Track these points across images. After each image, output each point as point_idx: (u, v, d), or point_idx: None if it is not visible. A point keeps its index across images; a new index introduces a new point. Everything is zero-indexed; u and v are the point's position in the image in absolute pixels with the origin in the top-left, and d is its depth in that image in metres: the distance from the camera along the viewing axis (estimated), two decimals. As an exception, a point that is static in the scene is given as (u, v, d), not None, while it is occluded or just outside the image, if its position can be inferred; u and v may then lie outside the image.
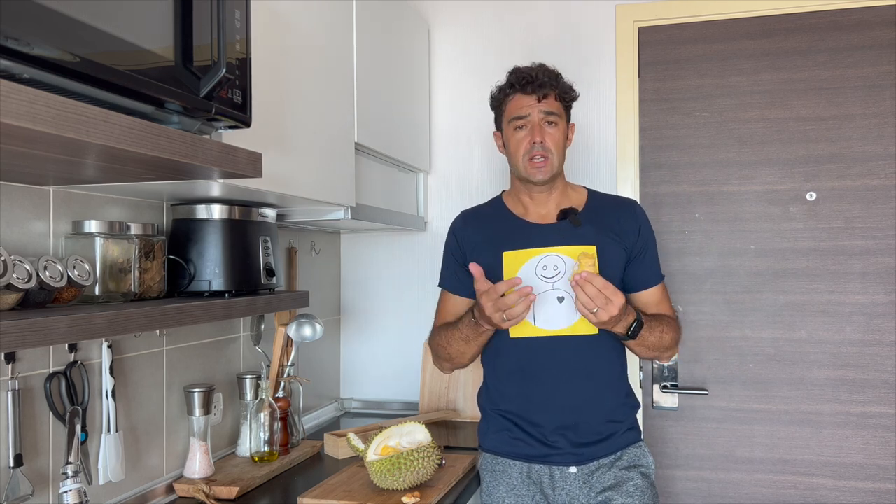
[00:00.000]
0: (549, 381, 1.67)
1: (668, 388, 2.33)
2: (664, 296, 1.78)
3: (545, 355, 1.66)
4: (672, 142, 2.37)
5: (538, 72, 1.67)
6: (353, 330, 2.66)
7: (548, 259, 1.64)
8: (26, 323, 0.92)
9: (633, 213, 1.75)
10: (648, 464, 1.72)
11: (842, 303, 2.23)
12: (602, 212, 1.73)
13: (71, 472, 1.33)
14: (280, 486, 1.74)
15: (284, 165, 1.51)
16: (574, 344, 1.65)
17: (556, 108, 1.67)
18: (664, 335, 1.67)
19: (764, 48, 2.30)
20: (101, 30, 0.90)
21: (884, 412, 2.20)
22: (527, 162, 1.66)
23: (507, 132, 1.70)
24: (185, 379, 1.75)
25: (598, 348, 1.67)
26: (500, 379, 1.73)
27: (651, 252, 1.75)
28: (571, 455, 1.66)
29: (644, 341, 1.63)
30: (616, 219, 1.71)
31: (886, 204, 2.20)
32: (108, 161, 1.05)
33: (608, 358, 1.70)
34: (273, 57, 1.46)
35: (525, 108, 1.66)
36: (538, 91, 1.65)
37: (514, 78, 1.69)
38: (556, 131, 1.66)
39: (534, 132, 1.64)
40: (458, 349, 1.69)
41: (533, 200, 1.74)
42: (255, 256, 1.59)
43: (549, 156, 1.65)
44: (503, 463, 1.71)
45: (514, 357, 1.69)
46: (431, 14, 2.58)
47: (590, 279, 1.48)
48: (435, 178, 2.59)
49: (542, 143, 1.64)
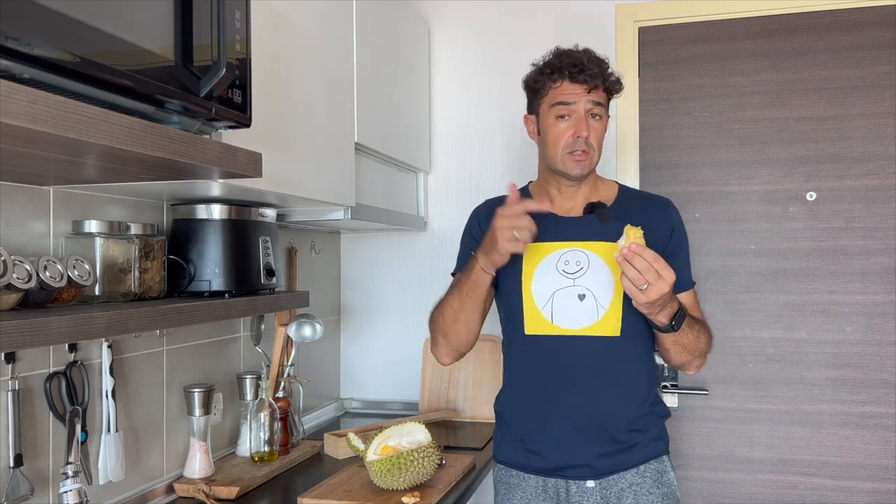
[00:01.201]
0: (566, 386, 1.54)
1: (668, 388, 2.33)
2: (695, 303, 1.63)
3: (561, 356, 1.54)
4: (672, 142, 2.37)
5: (588, 58, 1.51)
6: (353, 330, 2.66)
7: (570, 254, 1.54)
8: (26, 323, 0.92)
9: (667, 213, 1.61)
10: (670, 481, 1.59)
11: (842, 303, 2.23)
12: (632, 209, 1.60)
13: (71, 472, 1.33)
14: (280, 486, 1.74)
15: (284, 165, 1.51)
16: (594, 346, 1.53)
17: (603, 99, 1.54)
18: (700, 337, 1.53)
19: (764, 48, 2.30)
20: (101, 30, 0.90)
21: (884, 412, 2.20)
22: (566, 156, 1.53)
23: (547, 119, 1.55)
24: (185, 379, 1.75)
25: (620, 351, 1.54)
26: (515, 381, 1.62)
27: (683, 256, 1.61)
28: (588, 468, 1.54)
29: (682, 338, 1.48)
30: (647, 217, 1.55)
31: (886, 204, 2.20)
32: (108, 161, 1.05)
33: (631, 362, 1.56)
34: (273, 57, 1.46)
35: (572, 96, 1.51)
36: (590, 81, 1.50)
37: (564, 61, 1.52)
38: (599, 126, 1.54)
39: (579, 126, 1.51)
40: (452, 308, 1.56)
41: (560, 193, 1.62)
42: (255, 256, 1.59)
43: (591, 151, 1.53)
44: (517, 476, 1.60)
45: (529, 357, 1.58)
46: (431, 14, 2.58)
47: (639, 251, 1.32)
48: (435, 178, 2.59)
49: (587, 138, 1.51)
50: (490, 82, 2.53)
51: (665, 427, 1.64)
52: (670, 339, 1.48)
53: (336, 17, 1.80)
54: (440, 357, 1.66)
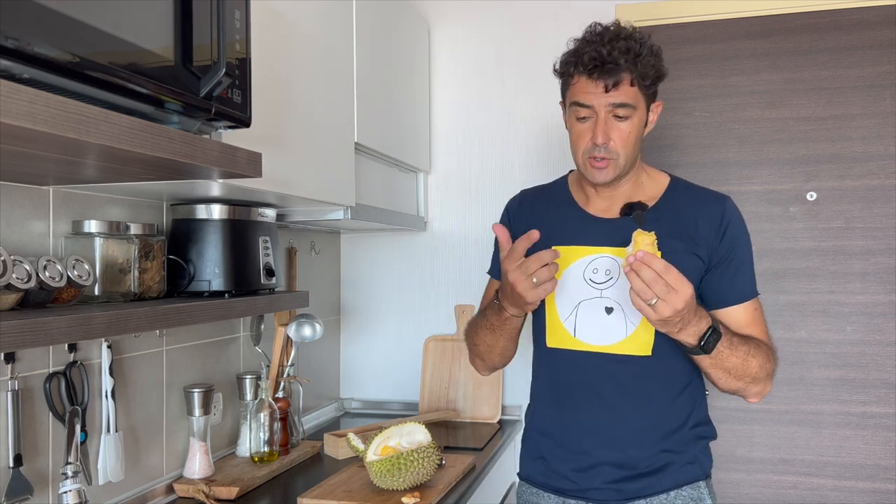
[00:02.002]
0: (588, 405, 1.41)
1: (668, 388, 2.33)
2: (756, 317, 1.40)
3: (584, 374, 1.40)
4: (672, 142, 2.37)
5: (611, 49, 1.30)
6: (353, 330, 2.66)
7: (600, 261, 1.38)
8: (26, 323, 0.92)
9: (720, 212, 1.40)
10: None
11: (842, 303, 2.23)
12: (678, 208, 1.41)
13: (71, 473, 1.33)
14: (280, 487, 1.74)
15: (284, 165, 1.51)
16: (622, 365, 1.37)
17: (630, 97, 1.33)
18: (750, 359, 1.31)
19: (764, 48, 2.30)
20: (101, 30, 0.90)
21: (884, 412, 2.20)
22: (586, 160, 1.36)
23: (569, 116, 1.39)
24: (185, 379, 1.75)
25: (651, 372, 1.38)
26: (538, 395, 1.52)
27: (739, 261, 1.40)
28: (613, 491, 1.40)
29: (723, 361, 1.29)
30: (694, 219, 1.39)
31: (886, 204, 2.20)
32: (108, 161, 1.05)
33: (665, 383, 1.40)
34: (273, 57, 1.46)
35: (589, 97, 1.33)
36: (607, 78, 1.30)
37: (581, 56, 1.33)
38: (627, 126, 1.34)
39: (597, 130, 1.33)
40: (485, 342, 1.48)
41: (597, 191, 1.45)
42: (255, 256, 1.59)
43: (614, 158, 1.34)
44: (536, 494, 1.50)
45: (550, 371, 1.46)
46: (431, 14, 2.58)
47: (647, 260, 1.16)
48: (435, 178, 2.59)
49: (606, 144, 1.33)
50: (490, 82, 2.53)
51: (708, 449, 1.46)
52: (705, 361, 1.30)
53: (336, 17, 1.80)
54: (478, 370, 1.61)
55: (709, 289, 1.40)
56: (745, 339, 1.34)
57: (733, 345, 1.30)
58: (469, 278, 2.53)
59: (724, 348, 1.28)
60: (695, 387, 1.44)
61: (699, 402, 1.45)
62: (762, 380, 1.36)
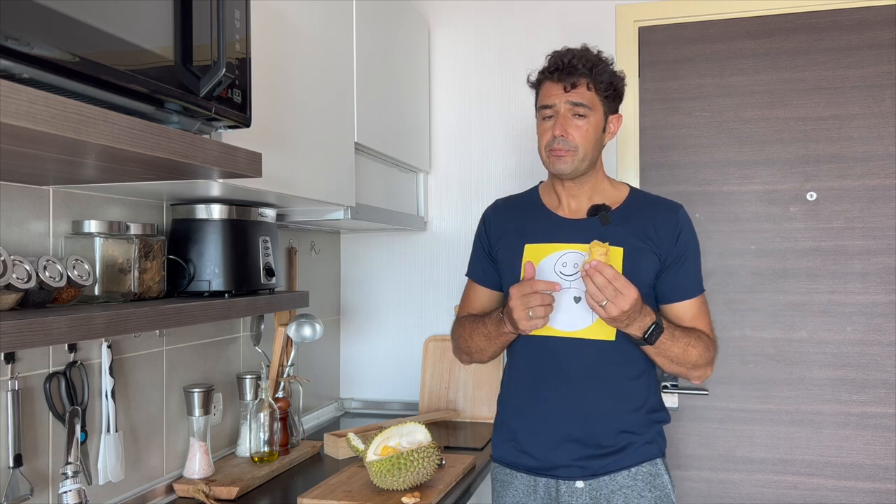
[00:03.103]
0: (558, 387, 1.57)
1: (668, 388, 2.33)
2: (701, 311, 1.61)
3: (556, 358, 1.57)
4: (672, 142, 2.37)
5: (571, 57, 1.53)
6: (353, 330, 2.66)
7: (569, 256, 1.56)
8: (26, 323, 0.92)
9: (674, 218, 1.60)
10: (663, 485, 1.58)
11: (842, 303, 2.23)
12: (639, 212, 1.61)
13: (71, 473, 1.32)
14: (280, 487, 1.74)
15: (284, 165, 1.51)
16: (589, 349, 1.54)
17: (587, 99, 1.53)
18: (690, 349, 1.52)
19: (764, 48, 2.30)
20: (100, 30, 0.90)
21: (884, 412, 2.20)
22: (549, 153, 1.56)
23: (537, 119, 1.61)
24: (185, 379, 1.75)
25: (615, 355, 1.55)
26: (512, 380, 1.66)
27: (690, 262, 1.60)
28: (577, 468, 1.55)
29: (665, 351, 1.50)
30: (653, 222, 1.58)
31: (886, 204, 2.20)
32: (108, 161, 1.05)
33: (627, 366, 1.57)
34: (273, 57, 1.46)
35: (552, 97, 1.55)
36: (566, 79, 1.53)
37: (547, 63, 1.57)
38: (585, 124, 1.53)
39: (556, 124, 1.53)
40: (479, 345, 1.64)
41: (566, 192, 1.63)
42: (255, 256, 1.59)
43: (573, 150, 1.53)
44: (510, 474, 1.65)
45: (525, 357, 1.62)
46: (431, 14, 2.58)
47: (599, 268, 1.37)
48: (435, 178, 2.59)
49: (564, 136, 1.52)
50: (490, 82, 2.53)
51: (663, 432, 1.64)
52: (651, 350, 1.51)
53: (336, 17, 1.80)
54: (461, 361, 1.79)
55: (662, 286, 1.60)
56: (686, 332, 1.54)
57: (675, 337, 1.50)
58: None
59: (667, 340, 1.49)
60: (650, 375, 1.62)
61: (654, 390, 1.64)
62: (702, 366, 1.57)
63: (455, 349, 1.76)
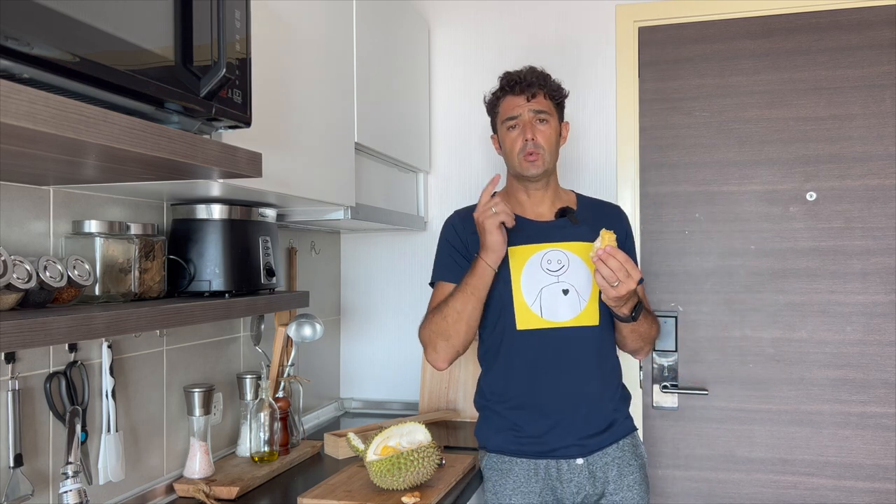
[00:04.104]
0: (556, 374, 1.70)
1: (668, 388, 2.33)
2: (644, 295, 1.86)
3: (551, 347, 1.70)
4: (672, 142, 2.37)
5: (526, 73, 1.74)
6: (353, 330, 2.66)
7: (552, 253, 1.73)
8: (26, 323, 0.92)
9: (620, 218, 1.88)
10: (642, 454, 1.79)
11: (842, 303, 2.23)
12: (594, 212, 1.83)
13: (71, 472, 1.32)
14: (280, 486, 1.74)
15: (284, 165, 1.51)
16: (579, 335, 1.70)
17: (546, 106, 1.73)
18: (652, 326, 1.75)
19: (764, 48, 2.30)
20: (101, 30, 0.90)
21: (884, 412, 2.20)
22: (521, 158, 1.72)
23: (502, 133, 1.77)
24: (185, 379, 1.75)
25: (599, 340, 1.73)
26: (505, 374, 1.74)
27: (633, 254, 1.87)
28: (577, 447, 1.70)
29: (639, 327, 1.69)
30: (604, 220, 1.76)
31: (886, 204, 2.20)
32: (108, 161, 1.05)
33: (607, 349, 1.76)
34: (273, 57, 1.46)
35: (516, 109, 1.73)
36: (527, 91, 1.72)
37: (504, 81, 1.77)
38: (547, 128, 1.73)
39: (525, 130, 1.71)
40: (455, 309, 1.64)
41: (530, 198, 1.80)
42: (255, 256, 1.59)
43: (542, 152, 1.71)
44: (509, 461, 1.73)
45: (520, 350, 1.72)
46: (431, 14, 2.58)
47: (613, 253, 1.52)
48: (435, 178, 2.59)
49: (534, 139, 1.70)
50: (490, 82, 2.50)
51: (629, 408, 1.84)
52: (629, 327, 1.69)
53: (336, 17, 1.80)
54: (438, 362, 1.72)
55: None
56: (648, 311, 1.75)
57: (646, 315, 1.71)
58: (469, 278, 2.53)
59: (642, 317, 1.68)
60: (617, 357, 1.81)
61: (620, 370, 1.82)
62: (653, 341, 1.80)
63: (428, 348, 1.73)
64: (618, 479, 1.71)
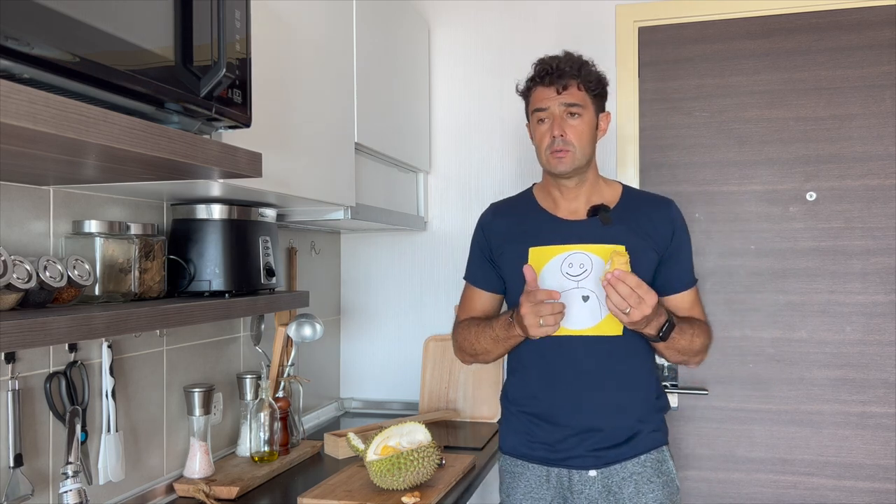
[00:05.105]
0: (573, 383, 1.61)
1: (668, 387, 2.33)
2: (696, 300, 1.70)
3: (568, 355, 1.60)
4: (672, 142, 2.37)
5: (559, 61, 1.59)
6: (353, 330, 2.66)
7: (574, 256, 1.59)
8: (26, 323, 0.92)
9: (668, 214, 1.66)
10: (669, 470, 1.64)
11: (842, 303, 2.23)
12: (635, 210, 1.66)
13: (71, 472, 1.33)
14: (280, 486, 1.74)
15: (284, 165, 1.51)
16: (598, 345, 1.59)
17: (578, 98, 1.59)
18: (695, 339, 1.59)
19: (764, 48, 2.30)
20: (101, 30, 0.90)
21: (884, 412, 2.20)
22: (549, 154, 1.60)
23: (532, 124, 1.66)
24: (185, 379, 1.75)
25: (622, 350, 1.60)
26: (523, 378, 1.68)
27: (685, 254, 1.67)
28: (591, 458, 1.60)
29: (675, 344, 1.56)
30: (649, 218, 1.64)
31: (886, 204, 2.20)
32: (108, 161, 1.05)
33: (633, 359, 1.62)
34: (273, 57, 1.46)
35: (545, 101, 1.60)
36: (557, 82, 1.58)
37: (536, 69, 1.63)
38: (579, 123, 1.59)
39: (554, 126, 1.59)
40: (485, 347, 1.66)
41: (562, 195, 1.67)
42: (255, 256, 1.59)
43: (571, 149, 1.58)
44: (522, 465, 1.67)
45: (537, 355, 1.64)
46: (431, 14, 2.58)
47: (622, 277, 1.41)
48: (435, 178, 2.59)
49: (563, 136, 1.58)
50: (490, 82, 2.53)
51: (664, 420, 1.69)
52: (661, 345, 1.58)
53: (336, 17, 1.80)
54: (463, 361, 1.80)
55: (660, 278, 1.65)
56: (690, 323, 1.61)
57: (682, 330, 1.57)
58: (469, 278, 2.53)
59: (676, 335, 1.55)
60: (653, 364, 1.68)
61: (655, 378, 1.69)
62: (702, 352, 1.65)
63: (457, 350, 1.77)
64: (634, 497, 1.58)
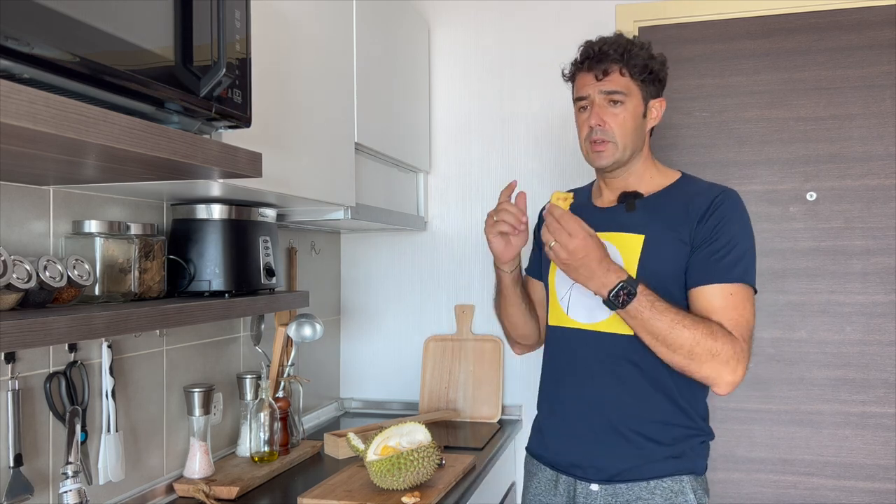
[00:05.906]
0: (579, 380, 1.50)
1: (668, 388, 2.33)
2: (730, 304, 1.37)
3: (576, 350, 1.50)
4: (672, 142, 2.37)
5: (601, 44, 1.46)
6: (353, 330, 2.66)
7: None
8: (26, 323, 0.92)
9: (710, 199, 1.45)
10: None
11: (842, 303, 2.23)
12: (676, 199, 1.49)
13: (71, 472, 1.33)
14: (280, 486, 1.74)
15: (284, 165, 1.51)
16: (608, 342, 1.45)
17: (620, 85, 1.45)
18: (679, 328, 1.32)
19: (764, 48, 2.30)
20: (101, 30, 0.90)
21: (884, 412, 2.20)
22: (588, 147, 1.49)
23: (575, 111, 1.54)
24: (185, 379, 1.75)
25: (636, 351, 1.42)
26: (543, 372, 1.63)
27: (719, 245, 1.40)
28: (594, 469, 1.47)
29: (644, 323, 1.33)
30: (685, 206, 1.45)
31: (886, 204, 2.20)
32: (108, 161, 1.05)
33: (650, 363, 1.42)
34: (273, 57, 1.46)
35: (585, 88, 1.48)
36: (597, 68, 1.46)
37: (580, 52, 1.51)
38: (621, 112, 1.45)
39: (591, 115, 1.46)
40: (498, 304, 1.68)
41: (607, 185, 1.57)
42: (255, 256, 1.59)
43: (611, 140, 1.46)
44: (536, 465, 1.61)
45: (551, 348, 1.60)
46: (431, 14, 2.58)
47: (549, 209, 1.35)
48: (435, 178, 2.59)
49: (602, 126, 1.45)
50: (490, 82, 2.53)
51: (699, 448, 1.47)
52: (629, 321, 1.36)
53: (336, 16, 1.80)
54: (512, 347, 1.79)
55: (689, 269, 1.43)
56: (677, 309, 1.35)
57: (656, 308, 1.33)
58: (469, 278, 2.53)
59: (644, 309, 1.32)
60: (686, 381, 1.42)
61: (691, 399, 1.46)
62: (704, 358, 1.33)
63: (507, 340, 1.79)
64: None
